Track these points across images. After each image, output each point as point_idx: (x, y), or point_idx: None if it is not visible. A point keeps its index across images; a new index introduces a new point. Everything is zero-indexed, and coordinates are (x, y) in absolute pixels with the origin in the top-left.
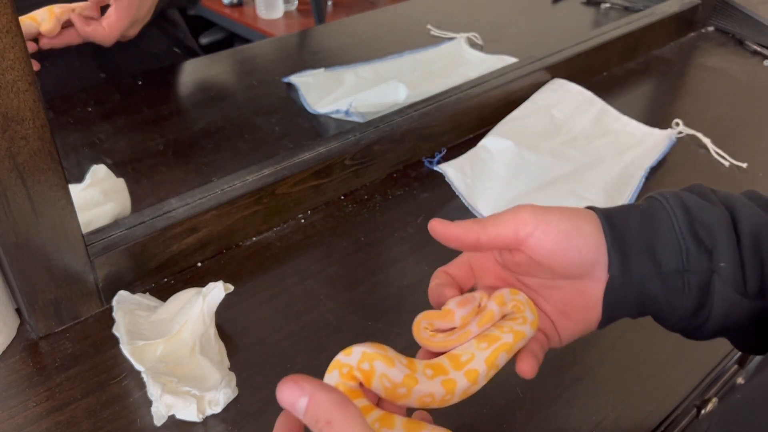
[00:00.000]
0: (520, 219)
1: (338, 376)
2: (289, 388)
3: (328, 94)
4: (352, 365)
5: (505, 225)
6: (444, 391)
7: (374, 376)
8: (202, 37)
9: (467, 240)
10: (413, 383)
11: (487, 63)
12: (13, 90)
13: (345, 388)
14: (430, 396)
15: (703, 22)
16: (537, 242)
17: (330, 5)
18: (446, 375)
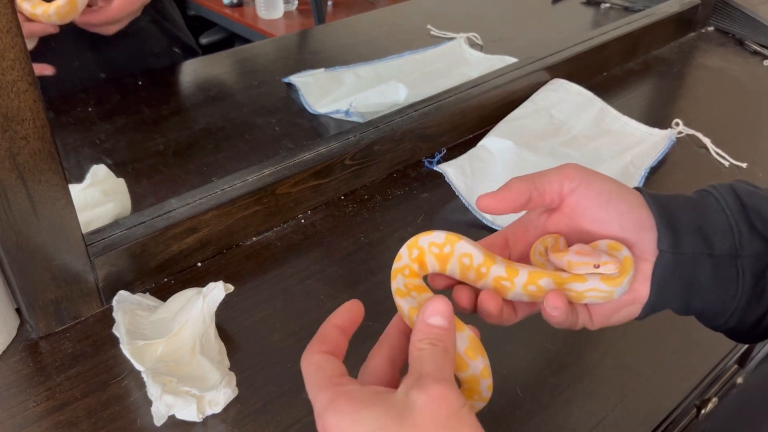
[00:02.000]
0: (566, 173)
1: (407, 259)
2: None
3: (328, 95)
4: (409, 264)
5: (551, 179)
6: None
7: (425, 254)
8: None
9: (520, 200)
10: (492, 263)
11: (487, 63)
12: (14, 90)
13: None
14: (507, 279)
15: (703, 22)
16: (579, 199)
17: (330, 5)
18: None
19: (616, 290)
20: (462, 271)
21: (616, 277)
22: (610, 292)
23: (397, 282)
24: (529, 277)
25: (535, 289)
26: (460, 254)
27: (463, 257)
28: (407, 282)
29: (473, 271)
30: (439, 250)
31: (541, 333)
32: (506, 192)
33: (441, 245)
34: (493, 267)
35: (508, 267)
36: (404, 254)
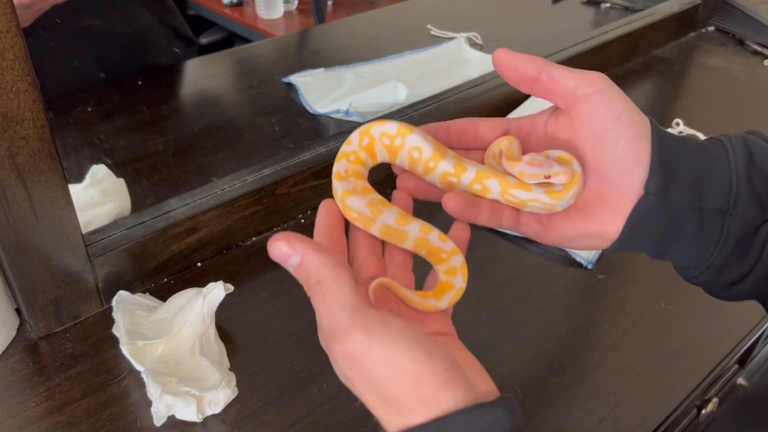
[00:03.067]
0: (587, 77)
1: (356, 145)
2: (279, 247)
3: (328, 94)
4: (356, 150)
5: (569, 75)
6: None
7: (375, 142)
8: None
9: (529, 71)
10: (441, 158)
11: (487, 63)
12: (13, 90)
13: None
14: (455, 176)
15: (703, 22)
16: (588, 106)
17: (330, 5)
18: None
19: (559, 203)
20: (411, 164)
21: (560, 190)
22: (552, 205)
23: (339, 165)
24: (476, 176)
25: (479, 188)
26: (410, 147)
27: (413, 150)
28: (349, 167)
29: (421, 165)
30: (390, 142)
31: (541, 334)
32: (523, 56)
33: (392, 136)
34: (442, 162)
35: (457, 163)
36: (354, 140)
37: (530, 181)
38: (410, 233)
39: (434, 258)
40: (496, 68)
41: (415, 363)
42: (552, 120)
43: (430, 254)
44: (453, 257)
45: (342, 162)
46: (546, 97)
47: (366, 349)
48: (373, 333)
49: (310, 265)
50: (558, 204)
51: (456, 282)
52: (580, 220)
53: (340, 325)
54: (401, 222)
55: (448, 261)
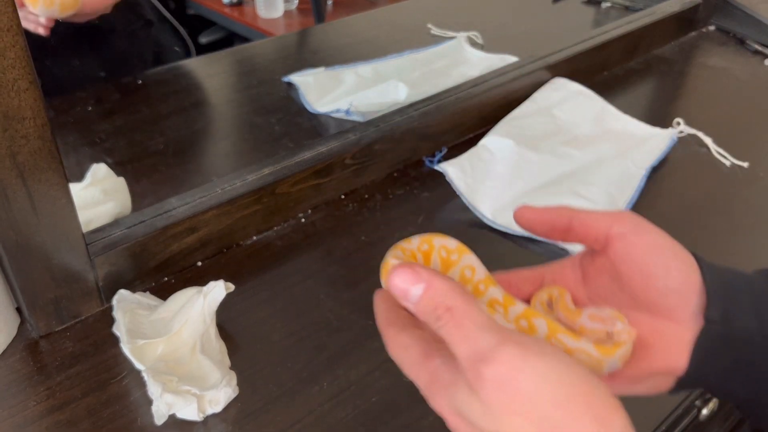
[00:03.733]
0: (618, 216)
1: (415, 246)
2: (403, 273)
3: (328, 94)
4: (413, 249)
5: (600, 217)
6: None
7: (433, 251)
8: (201, 36)
9: (559, 223)
10: (492, 284)
11: (487, 62)
12: (14, 89)
13: None
14: (502, 305)
15: (704, 22)
16: (627, 245)
17: (330, 4)
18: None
19: (606, 361)
20: (461, 281)
21: (609, 347)
22: (599, 361)
23: (392, 253)
24: (524, 312)
25: (525, 326)
26: (465, 265)
27: (465, 269)
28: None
29: (471, 285)
30: (447, 255)
31: None
32: (549, 209)
33: (450, 251)
34: (492, 288)
35: (506, 295)
36: (415, 241)
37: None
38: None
39: None
40: (522, 226)
41: (583, 380)
42: (588, 262)
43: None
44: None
45: (396, 251)
46: (579, 242)
47: (523, 366)
48: (529, 348)
49: (437, 291)
50: (605, 361)
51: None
52: (644, 358)
53: (487, 345)
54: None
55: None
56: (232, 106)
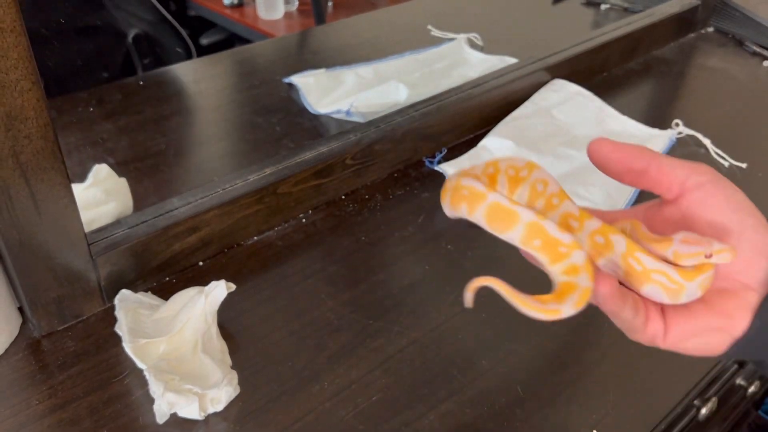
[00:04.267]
0: (697, 167)
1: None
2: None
3: (328, 94)
4: (477, 173)
5: (679, 164)
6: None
7: (499, 173)
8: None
9: (636, 164)
10: (566, 197)
11: (487, 63)
12: (17, 89)
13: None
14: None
15: (702, 23)
16: (704, 196)
17: (330, 6)
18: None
19: (687, 285)
20: (531, 196)
21: (691, 271)
22: (679, 285)
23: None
24: (601, 228)
25: (601, 242)
26: (536, 179)
27: (537, 182)
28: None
29: (544, 198)
30: (515, 173)
31: (542, 332)
32: (629, 147)
33: (519, 168)
34: (567, 201)
35: (582, 209)
36: (479, 166)
37: (687, 263)
38: (522, 216)
39: (549, 253)
40: (594, 160)
41: None
42: (653, 213)
43: (544, 247)
44: (574, 253)
45: (461, 175)
46: (651, 188)
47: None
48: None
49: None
50: (685, 286)
51: (580, 281)
52: (703, 313)
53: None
54: (515, 202)
55: (567, 257)
56: (233, 107)
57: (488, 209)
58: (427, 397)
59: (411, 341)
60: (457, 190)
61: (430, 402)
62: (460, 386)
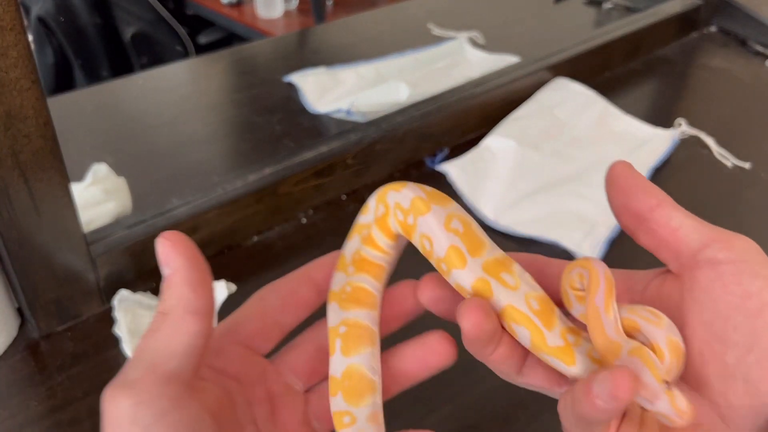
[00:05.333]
0: (727, 237)
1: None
2: (164, 248)
3: (328, 94)
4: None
5: (699, 226)
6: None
7: (389, 215)
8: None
9: (636, 203)
10: (457, 264)
11: (488, 62)
12: (16, 88)
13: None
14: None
15: (705, 23)
16: (714, 281)
17: (330, 4)
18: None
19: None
20: (423, 252)
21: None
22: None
23: (350, 244)
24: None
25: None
26: (421, 235)
27: (423, 239)
28: (358, 251)
29: (433, 261)
30: (404, 218)
31: None
32: (642, 181)
33: (406, 211)
34: (456, 271)
35: (480, 279)
36: (371, 208)
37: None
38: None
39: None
40: (606, 182)
41: None
42: (656, 284)
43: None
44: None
45: (353, 241)
46: (652, 247)
47: None
48: None
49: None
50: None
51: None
52: None
53: None
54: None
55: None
56: (232, 106)
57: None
58: (428, 399)
59: None
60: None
61: (431, 404)
62: (462, 388)
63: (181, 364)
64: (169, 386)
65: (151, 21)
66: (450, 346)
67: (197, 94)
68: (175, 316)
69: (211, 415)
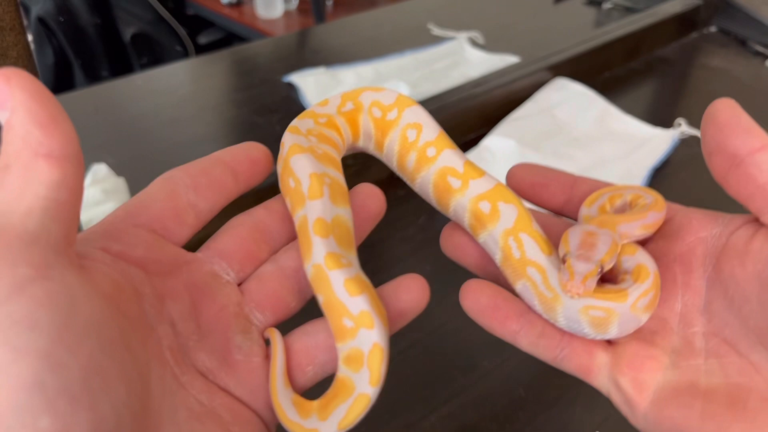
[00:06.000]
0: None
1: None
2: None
3: (329, 93)
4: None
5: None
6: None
7: (361, 112)
8: (200, 36)
9: (740, 145)
10: (447, 145)
11: (488, 62)
12: None
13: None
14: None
15: (705, 23)
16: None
17: (330, 4)
18: None
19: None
20: (401, 149)
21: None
22: (554, 294)
23: (300, 122)
24: (492, 191)
25: (487, 210)
26: (406, 125)
27: (408, 129)
28: (313, 128)
29: (415, 151)
30: (382, 114)
31: None
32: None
33: (386, 107)
34: (447, 152)
35: (468, 163)
36: (333, 102)
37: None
38: (314, 253)
39: (332, 322)
40: (704, 120)
41: None
42: (744, 235)
43: (327, 311)
44: (361, 331)
45: (305, 120)
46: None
47: None
48: None
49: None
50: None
51: (358, 383)
52: (730, 421)
53: None
54: (320, 225)
55: (351, 337)
56: (232, 106)
57: (299, 224)
58: (428, 399)
59: (412, 342)
60: (286, 170)
61: (431, 404)
62: (462, 388)
63: (43, 224)
64: (30, 250)
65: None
66: (424, 286)
67: (197, 94)
68: (21, 164)
69: (103, 297)
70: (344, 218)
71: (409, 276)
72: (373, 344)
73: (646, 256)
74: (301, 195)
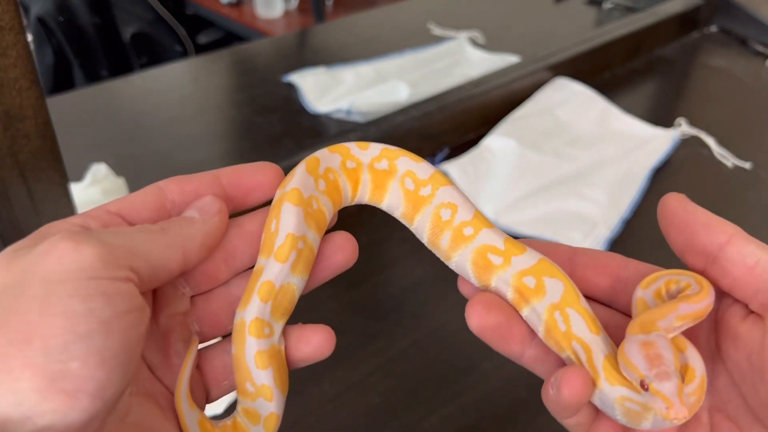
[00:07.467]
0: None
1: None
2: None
3: (328, 93)
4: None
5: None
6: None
7: (392, 178)
8: (200, 36)
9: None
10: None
11: (489, 62)
12: (16, 88)
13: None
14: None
15: (706, 22)
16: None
17: (330, 4)
18: None
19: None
20: (433, 228)
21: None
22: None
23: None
24: (536, 266)
25: (532, 285)
26: (440, 203)
27: (442, 208)
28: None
29: (450, 230)
30: (415, 188)
31: None
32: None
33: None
34: (485, 231)
35: (508, 239)
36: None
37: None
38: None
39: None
40: (659, 218)
41: None
42: (734, 317)
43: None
44: (260, 399)
45: (333, 156)
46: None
47: None
48: None
49: None
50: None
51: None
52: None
53: None
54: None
55: (252, 400)
56: (232, 106)
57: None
58: (428, 400)
59: (412, 343)
60: (275, 209)
61: (431, 405)
62: (462, 389)
63: None
64: None
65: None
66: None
67: (197, 94)
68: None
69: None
70: (294, 288)
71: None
72: (270, 413)
73: (696, 355)
74: (272, 246)
